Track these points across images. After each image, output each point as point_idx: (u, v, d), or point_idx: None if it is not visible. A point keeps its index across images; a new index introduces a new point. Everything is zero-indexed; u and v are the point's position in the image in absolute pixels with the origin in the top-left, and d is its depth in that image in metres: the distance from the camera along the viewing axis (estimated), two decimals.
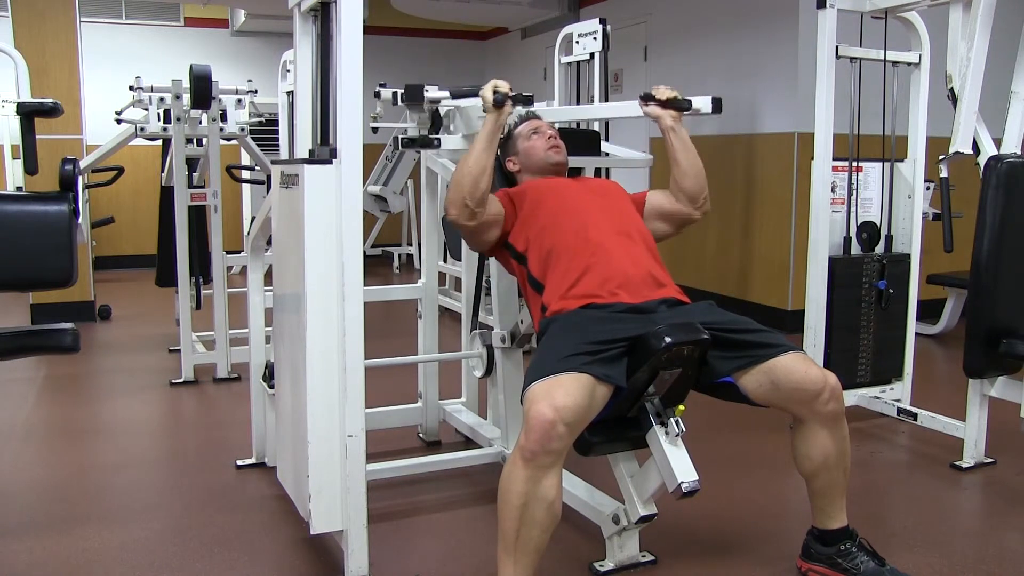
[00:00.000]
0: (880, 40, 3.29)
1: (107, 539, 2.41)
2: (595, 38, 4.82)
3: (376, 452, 2.85)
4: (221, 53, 8.09)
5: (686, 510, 2.40)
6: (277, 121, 5.11)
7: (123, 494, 2.80)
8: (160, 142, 4.66)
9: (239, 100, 4.46)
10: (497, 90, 2.28)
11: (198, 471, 2.97)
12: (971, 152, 2.82)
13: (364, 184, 2.85)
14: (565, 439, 1.84)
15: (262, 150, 4.86)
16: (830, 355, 3.33)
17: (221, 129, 4.25)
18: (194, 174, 4.52)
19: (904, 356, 3.50)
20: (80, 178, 2.47)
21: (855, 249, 3.45)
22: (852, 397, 3.42)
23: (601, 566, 2.20)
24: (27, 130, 2.28)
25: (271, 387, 2.67)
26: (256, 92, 4.56)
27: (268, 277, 2.61)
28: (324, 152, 2.10)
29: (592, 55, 4.87)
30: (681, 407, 2.05)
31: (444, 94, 2.63)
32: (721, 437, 3.22)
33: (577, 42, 4.99)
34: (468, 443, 3.12)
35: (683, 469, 1.97)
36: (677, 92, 2.38)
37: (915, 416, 3.28)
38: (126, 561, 2.28)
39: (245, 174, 6.41)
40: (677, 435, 2.00)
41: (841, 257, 3.38)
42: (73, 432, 3.43)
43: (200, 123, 4.14)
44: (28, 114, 2.26)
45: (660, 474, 2.01)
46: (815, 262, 3.29)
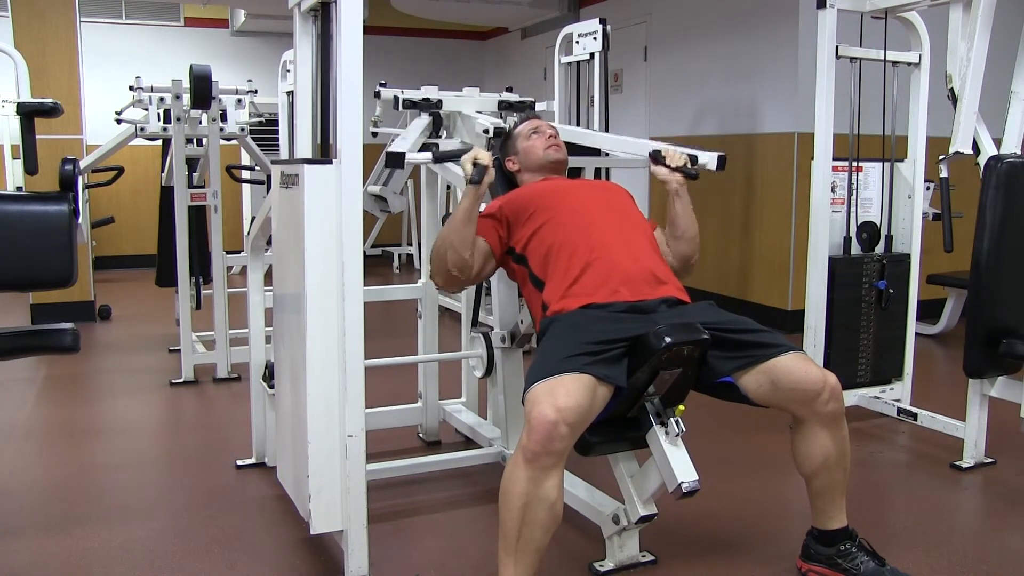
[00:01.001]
0: (880, 40, 3.29)
1: (107, 539, 2.41)
2: (595, 38, 4.82)
3: (376, 452, 2.85)
4: (221, 53, 8.09)
5: (686, 510, 2.40)
6: (277, 121, 5.10)
7: (123, 494, 2.80)
8: (160, 142, 4.66)
9: (239, 100, 4.46)
10: (477, 163, 2.23)
11: (198, 471, 2.97)
12: (971, 152, 2.81)
13: (364, 184, 2.82)
14: (567, 440, 1.84)
15: (262, 150, 4.86)
16: (830, 355, 3.33)
17: (221, 129, 4.25)
18: (194, 174, 4.53)
19: (904, 356, 3.50)
20: (80, 178, 2.47)
21: (855, 249, 3.46)
22: (852, 397, 3.42)
23: (601, 566, 2.21)
24: (27, 130, 2.27)
25: (271, 387, 2.66)
26: (256, 92, 4.56)
27: (268, 277, 2.61)
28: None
29: (592, 55, 4.87)
30: (681, 407, 2.05)
31: (425, 157, 2.52)
32: (721, 437, 3.22)
33: (577, 42, 4.99)
34: (468, 443, 3.12)
35: (683, 469, 1.97)
36: (687, 158, 2.39)
37: (915, 416, 3.28)
38: (126, 561, 2.28)
39: (245, 174, 6.40)
40: (677, 435, 2.00)
41: (841, 257, 3.38)
42: (73, 432, 3.43)
43: (200, 123, 4.14)
44: (28, 114, 2.26)
45: (660, 474, 2.01)
46: (815, 262, 3.29)
